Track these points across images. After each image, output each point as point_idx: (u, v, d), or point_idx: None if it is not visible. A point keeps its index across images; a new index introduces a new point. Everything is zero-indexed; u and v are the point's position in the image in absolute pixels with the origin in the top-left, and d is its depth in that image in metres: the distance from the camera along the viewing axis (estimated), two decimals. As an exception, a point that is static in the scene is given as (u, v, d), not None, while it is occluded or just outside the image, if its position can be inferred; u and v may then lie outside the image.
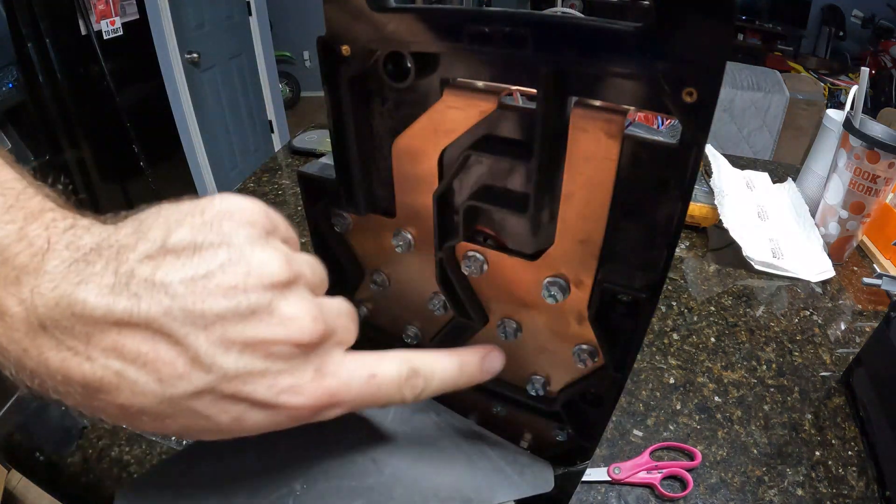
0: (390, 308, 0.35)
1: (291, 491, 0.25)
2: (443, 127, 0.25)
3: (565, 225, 0.25)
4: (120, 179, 1.48)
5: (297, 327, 0.18)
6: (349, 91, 0.26)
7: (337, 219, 0.31)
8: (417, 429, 0.31)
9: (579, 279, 0.26)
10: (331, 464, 0.27)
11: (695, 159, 0.20)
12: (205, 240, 0.17)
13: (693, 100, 0.18)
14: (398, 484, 0.28)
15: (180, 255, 0.16)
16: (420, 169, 0.27)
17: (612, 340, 0.27)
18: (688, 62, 0.18)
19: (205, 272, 0.16)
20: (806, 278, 0.69)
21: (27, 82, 1.18)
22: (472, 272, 0.28)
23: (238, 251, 0.17)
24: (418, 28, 0.23)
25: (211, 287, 0.16)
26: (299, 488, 0.26)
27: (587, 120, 0.21)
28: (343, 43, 0.24)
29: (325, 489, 0.26)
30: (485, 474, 0.30)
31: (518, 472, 0.31)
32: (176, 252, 0.16)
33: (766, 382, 0.54)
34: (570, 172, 0.23)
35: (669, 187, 0.21)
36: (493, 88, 0.23)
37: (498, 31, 0.21)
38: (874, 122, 0.66)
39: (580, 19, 0.19)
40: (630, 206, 0.23)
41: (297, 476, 0.26)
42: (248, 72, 2.39)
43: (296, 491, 0.25)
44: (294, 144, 0.98)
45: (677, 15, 0.17)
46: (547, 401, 0.33)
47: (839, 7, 3.97)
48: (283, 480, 0.26)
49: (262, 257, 0.18)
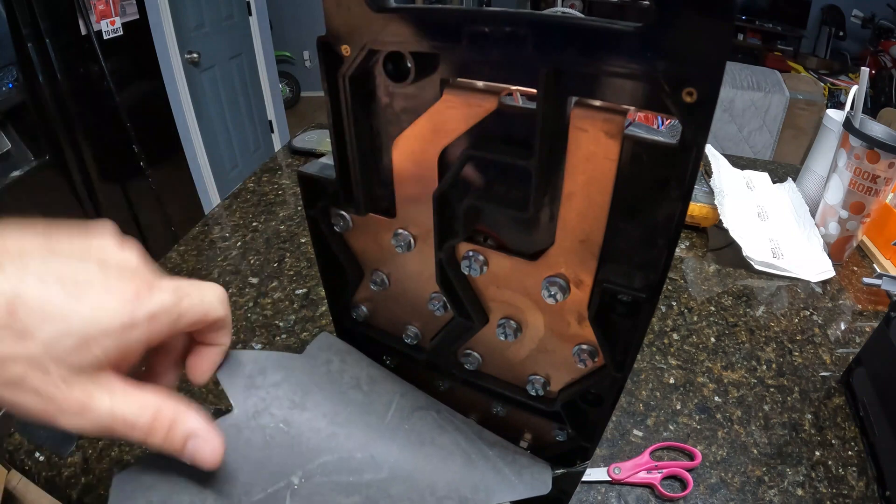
0: (390, 308, 0.35)
1: (289, 485, 0.25)
2: (443, 127, 0.25)
3: (565, 225, 0.25)
4: (120, 179, 1.48)
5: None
6: (349, 91, 0.26)
7: (337, 219, 0.31)
8: (417, 426, 0.31)
9: (579, 279, 0.26)
10: (329, 459, 0.27)
11: (695, 159, 0.20)
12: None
13: (693, 99, 0.18)
14: (396, 481, 0.28)
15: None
16: (420, 169, 0.27)
17: (613, 340, 0.27)
18: (688, 62, 0.18)
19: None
20: (806, 278, 0.69)
21: (27, 82, 1.18)
22: (472, 272, 0.28)
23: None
24: (418, 28, 0.23)
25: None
26: (297, 482, 0.26)
27: (587, 120, 0.21)
28: (343, 43, 0.24)
29: (323, 484, 0.26)
30: (483, 474, 0.30)
31: (516, 473, 0.31)
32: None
33: (766, 382, 0.54)
34: (570, 172, 0.23)
35: (669, 187, 0.21)
36: (493, 88, 0.24)
37: (498, 31, 0.21)
38: (874, 122, 0.66)
39: (580, 19, 0.19)
40: (630, 206, 0.23)
41: (295, 470, 0.26)
42: (248, 72, 2.39)
43: (293, 485, 0.26)
44: (294, 144, 0.98)
45: (677, 15, 0.17)
46: (547, 401, 0.33)
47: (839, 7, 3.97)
48: (280, 474, 0.26)
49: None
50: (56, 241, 0.20)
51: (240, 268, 0.67)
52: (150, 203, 1.58)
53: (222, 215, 0.80)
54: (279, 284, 0.64)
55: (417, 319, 0.34)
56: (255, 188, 0.87)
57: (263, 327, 0.58)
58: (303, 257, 0.69)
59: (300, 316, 0.60)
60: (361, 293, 0.36)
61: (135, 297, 0.20)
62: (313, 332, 0.58)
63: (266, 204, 0.82)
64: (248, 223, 0.77)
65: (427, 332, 0.35)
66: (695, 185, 0.81)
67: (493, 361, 0.33)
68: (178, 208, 1.71)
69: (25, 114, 1.19)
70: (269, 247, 0.72)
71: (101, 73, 1.38)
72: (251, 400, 0.27)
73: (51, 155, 1.24)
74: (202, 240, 0.74)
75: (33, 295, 0.18)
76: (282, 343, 0.56)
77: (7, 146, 1.17)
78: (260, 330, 0.58)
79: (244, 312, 0.60)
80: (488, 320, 0.31)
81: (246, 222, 0.77)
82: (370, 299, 0.36)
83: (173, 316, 0.22)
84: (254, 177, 0.91)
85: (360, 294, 0.36)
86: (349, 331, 0.38)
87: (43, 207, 1.24)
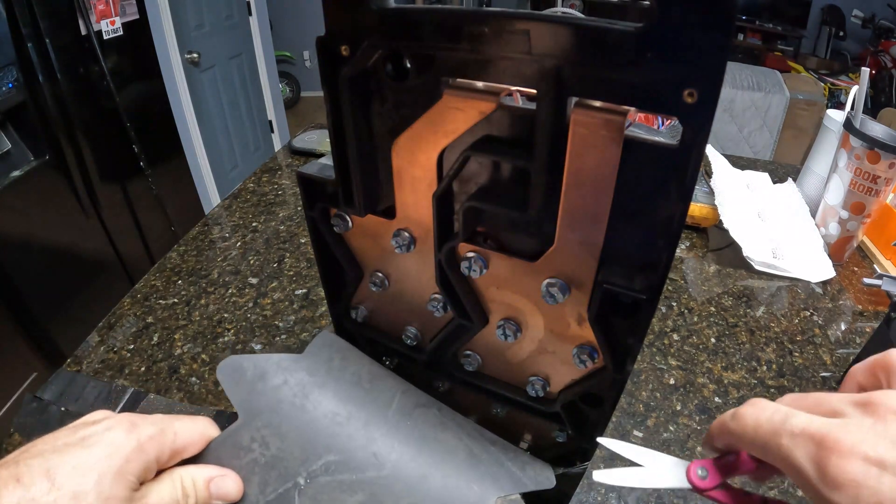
0: (390, 309, 0.35)
1: (296, 485, 0.26)
2: (442, 127, 0.25)
3: (565, 226, 0.25)
4: (120, 179, 1.48)
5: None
6: (349, 91, 0.25)
7: (336, 219, 0.31)
8: (419, 422, 0.31)
9: (579, 280, 0.26)
10: (332, 459, 0.27)
11: (695, 160, 0.20)
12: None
13: (694, 100, 0.18)
14: (399, 477, 0.28)
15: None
16: (420, 170, 0.27)
17: (613, 341, 0.27)
18: (688, 63, 0.18)
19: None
20: (806, 279, 0.69)
21: (27, 82, 1.18)
22: (472, 273, 0.28)
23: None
24: (417, 28, 0.22)
25: None
26: (303, 482, 0.26)
27: (587, 120, 0.21)
28: (342, 43, 0.24)
29: (328, 483, 0.26)
30: (487, 468, 0.30)
31: (520, 468, 0.31)
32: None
33: (766, 383, 0.53)
34: (570, 173, 0.23)
35: (669, 188, 0.21)
36: (493, 89, 0.23)
37: (497, 31, 0.21)
38: (874, 123, 0.66)
39: (580, 19, 0.19)
40: (630, 207, 0.23)
41: (300, 471, 0.27)
42: (248, 72, 2.39)
43: (300, 485, 0.26)
44: (294, 144, 0.98)
45: (678, 16, 0.17)
46: (546, 402, 0.32)
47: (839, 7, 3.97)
48: (288, 475, 0.27)
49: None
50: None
51: (240, 268, 0.67)
52: (150, 203, 1.58)
53: (222, 215, 0.80)
54: (279, 285, 0.64)
55: (417, 320, 0.34)
56: (254, 188, 0.87)
57: (263, 328, 0.58)
58: (303, 258, 0.69)
59: (300, 316, 0.60)
60: (361, 294, 0.35)
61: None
62: (313, 332, 0.57)
63: (266, 204, 0.82)
64: (247, 223, 0.77)
65: (427, 333, 0.34)
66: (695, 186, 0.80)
67: (492, 362, 0.33)
68: (178, 208, 1.71)
69: (25, 114, 1.19)
70: (269, 247, 0.72)
71: (101, 73, 1.38)
72: (254, 405, 0.27)
73: (51, 155, 1.24)
74: (202, 240, 0.74)
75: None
76: (281, 343, 0.56)
77: (7, 146, 1.17)
78: (260, 330, 0.57)
79: (244, 313, 0.60)
80: (488, 321, 0.31)
81: (246, 222, 0.77)
82: (370, 300, 0.36)
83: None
84: (254, 177, 0.90)
85: (360, 295, 0.36)
86: (349, 331, 0.38)
87: (43, 207, 1.24)
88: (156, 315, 0.60)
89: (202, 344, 0.56)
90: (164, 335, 0.57)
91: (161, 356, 0.54)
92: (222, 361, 0.28)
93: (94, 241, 1.41)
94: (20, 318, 1.17)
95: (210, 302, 0.62)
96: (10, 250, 1.14)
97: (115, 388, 0.50)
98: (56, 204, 1.29)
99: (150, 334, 0.57)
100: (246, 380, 0.28)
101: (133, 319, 0.59)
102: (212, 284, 0.65)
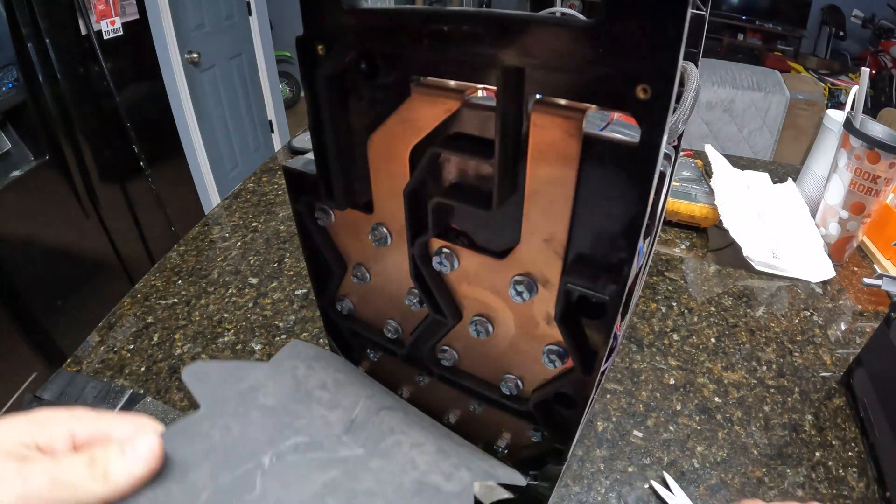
0: (372, 302, 0.36)
1: (259, 465, 0.24)
2: (412, 125, 0.25)
3: (529, 224, 0.25)
4: (120, 179, 1.48)
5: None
6: (326, 89, 0.26)
7: (320, 213, 0.32)
8: (385, 420, 0.31)
9: (546, 279, 0.26)
10: (301, 440, 0.26)
11: (652, 157, 0.19)
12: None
13: (647, 96, 0.18)
14: (373, 456, 0.27)
15: None
16: (393, 165, 0.27)
17: (579, 342, 0.27)
18: (640, 58, 0.18)
19: None
20: (806, 279, 0.69)
21: (27, 82, 1.18)
22: (443, 269, 0.28)
23: None
24: (384, 27, 0.23)
25: None
26: (268, 462, 0.25)
27: (546, 118, 0.21)
28: (318, 42, 0.24)
29: (296, 462, 0.25)
30: (459, 459, 0.30)
31: (490, 466, 0.31)
32: None
33: (766, 383, 0.53)
34: (532, 171, 0.23)
35: (629, 187, 0.21)
36: (460, 87, 0.24)
37: (456, 29, 0.21)
38: (874, 123, 0.66)
39: (534, 16, 0.19)
40: (592, 205, 0.23)
41: (266, 451, 0.25)
42: (248, 72, 2.39)
43: (263, 465, 0.25)
44: (294, 144, 0.98)
45: (627, 9, 0.17)
46: (520, 400, 0.33)
47: (839, 7, 3.97)
48: (249, 456, 0.25)
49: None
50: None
51: (240, 268, 0.67)
52: (150, 203, 1.58)
53: (222, 215, 0.80)
54: (279, 285, 0.64)
55: (397, 314, 0.35)
56: (254, 188, 0.87)
57: (263, 328, 0.58)
58: (303, 258, 0.69)
59: (300, 316, 0.60)
60: (345, 287, 0.36)
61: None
62: (313, 332, 0.57)
63: (266, 204, 0.82)
64: (247, 223, 0.77)
65: (406, 327, 0.35)
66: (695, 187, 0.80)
67: (469, 359, 0.34)
68: (178, 208, 1.71)
69: (25, 114, 1.19)
70: (269, 247, 0.72)
71: (101, 72, 1.38)
72: (217, 399, 0.27)
73: (51, 155, 1.24)
74: (202, 240, 0.74)
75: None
76: (281, 343, 0.56)
77: (7, 146, 1.17)
78: (259, 330, 0.57)
79: (244, 313, 0.60)
80: (462, 317, 0.31)
81: (246, 222, 0.77)
82: (353, 293, 0.36)
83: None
84: (254, 177, 0.90)
85: (344, 287, 0.36)
86: (335, 323, 0.38)
87: (43, 207, 1.24)
88: (156, 315, 0.60)
89: (202, 344, 0.56)
90: (164, 335, 0.57)
91: (161, 356, 0.54)
92: (187, 366, 0.28)
93: (94, 241, 1.41)
94: (20, 318, 1.17)
95: (210, 302, 0.62)
96: (10, 250, 1.14)
97: (114, 389, 0.50)
98: (56, 204, 1.29)
99: (150, 334, 0.57)
100: (211, 380, 0.28)
101: (133, 319, 0.59)
102: (212, 284, 0.65)
